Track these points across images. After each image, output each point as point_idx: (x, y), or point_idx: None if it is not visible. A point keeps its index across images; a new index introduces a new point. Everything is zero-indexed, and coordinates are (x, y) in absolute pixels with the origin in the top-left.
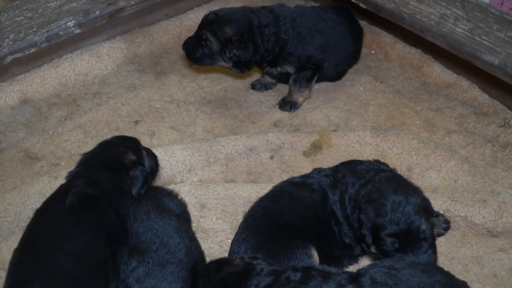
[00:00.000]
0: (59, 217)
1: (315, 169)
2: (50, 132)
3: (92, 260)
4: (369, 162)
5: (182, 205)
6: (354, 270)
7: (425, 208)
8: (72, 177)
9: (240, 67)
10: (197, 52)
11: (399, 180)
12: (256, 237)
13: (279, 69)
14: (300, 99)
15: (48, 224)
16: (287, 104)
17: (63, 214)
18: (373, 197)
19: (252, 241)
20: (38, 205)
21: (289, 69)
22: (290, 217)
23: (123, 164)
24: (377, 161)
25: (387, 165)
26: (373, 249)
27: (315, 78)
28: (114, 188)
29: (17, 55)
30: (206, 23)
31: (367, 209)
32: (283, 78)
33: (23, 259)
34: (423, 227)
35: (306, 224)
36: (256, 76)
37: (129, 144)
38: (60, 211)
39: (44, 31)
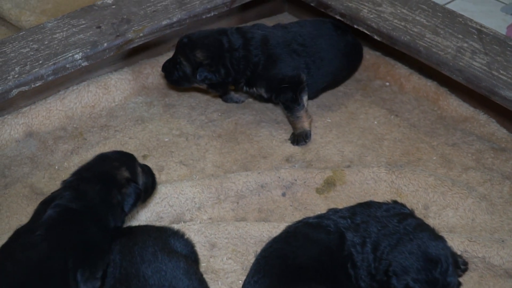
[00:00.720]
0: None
1: (330, 210)
2: (56, 167)
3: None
4: (387, 204)
5: (189, 245)
6: None
7: (456, 262)
8: (63, 187)
9: (215, 88)
10: (174, 74)
11: (429, 230)
12: (269, 280)
13: (255, 90)
14: (305, 124)
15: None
16: (298, 138)
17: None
18: (403, 251)
19: (265, 284)
20: None
21: (262, 92)
22: (304, 260)
23: (114, 179)
24: (396, 203)
25: (405, 207)
26: None
27: (303, 95)
28: (101, 201)
29: (22, 89)
30: (180, 46)
31: (397, 264)
32: (264, 99)
33: None
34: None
35: (321, 267)
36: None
37: (125, 159)
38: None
39: (50, 63)
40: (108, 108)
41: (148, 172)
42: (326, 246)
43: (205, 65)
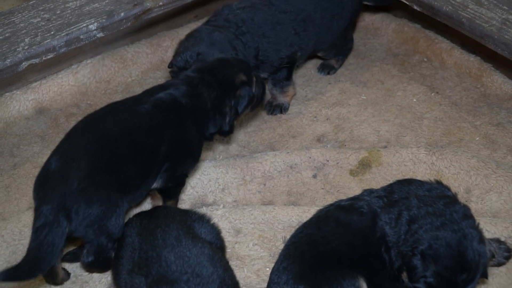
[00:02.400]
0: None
1: (365, 190)
2: None
3: (139, 148)
4: (430, 184)
5: (215, 231)
6: None
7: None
8: (182, 79)
9: None
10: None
11: (476, 229)
12: (299, 267)
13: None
14: (287, 99)
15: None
16: (276, 108)
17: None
18: (442, 238)
19: (294, 271)
20: None
21: (264, 75)
22: (336, 246)
23: (232, 85)
24: (439, 183)
25: (449, 189)
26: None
27: (294, 70)
28: (212, 108)
29: (33, 61)
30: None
31: (430, 247)
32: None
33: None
34: None
35: (355, 253)
36: None
37: (243, 66)
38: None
39: (63, 34)
40: (124, 84)
41: (260, 83)
42: (359, 230)
43: None
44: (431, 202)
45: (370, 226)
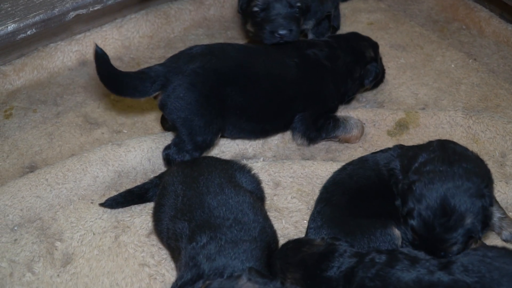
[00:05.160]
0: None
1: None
2: (112, 97)
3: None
4: (466, 149)
5: (256, 181)
6: None
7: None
8: (326, 41)
9: None
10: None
11: (476, 184)
12: (330, 209)
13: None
14: None
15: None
16: None
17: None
18: (439, 189)
19: (327, 214)
20: (99, 172)
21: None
22: (357, 180)
23: (364, 56)
24: (478, 156)
25: (483, 161)
26: None
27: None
28: (347, 71)
29: (80, 11)
30: None
31: (422, 188)
32: None
33: None
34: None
35: (371, 185)
36: None
37: (373, 43)
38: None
39: None
40: (167, 39)
41: (381, 63)
42: (376, 163)
43: None
44: (451, 154)
45: (386, 159)
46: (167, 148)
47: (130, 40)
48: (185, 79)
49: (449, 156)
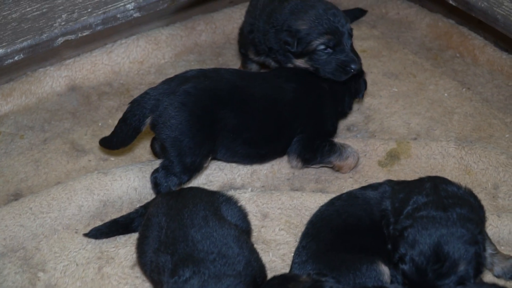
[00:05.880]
0: None
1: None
2: (100, 124)
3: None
4: (458, 187)
5: (242, 213)
6: None
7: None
8: None
9: None
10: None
11: (470, 231)
12: (316, 244)
13: None
14: None
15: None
16: None
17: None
18: (432, 235)
19: (312, 249)
20: (84, 201)
21: None
22: (346, 218)
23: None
24: (471, 192)
25: (475, 198)
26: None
27: None
28: (343, 88)
29: (68, 37)
30: None
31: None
32: None
33: None
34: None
35: (361, 225)
36: None
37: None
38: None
39: (100, 12)
40: (157, 65)
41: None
42: (366, 201)
43: None
44: (444, 198)
45: (377, 199)
46: (155, 171)
47: (120, 66)
48: (176, 99)
49: (442, 200)
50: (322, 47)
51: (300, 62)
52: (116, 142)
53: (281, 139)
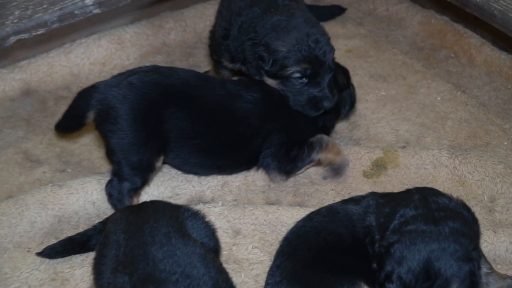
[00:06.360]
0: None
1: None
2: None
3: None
4: (450, 199)
5: (209, 230)
6: None
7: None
8: None
9: None
10: None
11: (464, 247)
12: (291, 264)
13: None
14: None
15: None
16: None
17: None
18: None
19: (287, 269)
20: (38, 217)
21: None
22: (325, 236)
23: (337, 83)
24: (464, 204)
25: (469, 211)
26: None
27: None
28: None
29: (22, 36)
30: None
31: (402, 249)
32: None
33: None
34: None
35: (342, 244)
36: None
37: (343, 69)
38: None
39: (56, 8)
40: (121, 67)
41: (354, 90)
42: (347, 217)
43: None
44: (435, 210)
45: (360, 214)
46: (108, 182)
47: (80, 68)
48: (119, 91)
49: (433, 213)
50: (297, 75)
51: (272, 83)
52: (62, 128)
53: (242, 151)
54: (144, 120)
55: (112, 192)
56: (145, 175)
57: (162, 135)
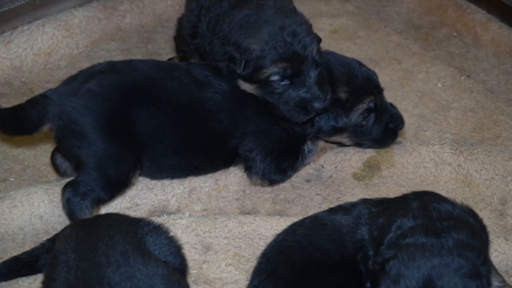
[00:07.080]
0: None
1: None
2: None
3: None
4: (453, 205)
5: (173, 247)
6: None
7: None
8: None
9: None
10: None
11: (470, 262)
12: (271, 285)
13: None
14: None
15: None
16: None
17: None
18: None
19: None
20: None
21: None
22: (309, 253)
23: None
24: (470, 210)
25: (476, 217)
26: None
27: None
28: None
29: None
30: None
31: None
32: None
33: None
34: None
35: (330, 262)
36: None
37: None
38: None
39: None
40: (69, 57)
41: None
42: (336, 230)
43: None
44: (436, 219)
45: (350, 226)
46: (69, 185)
47: (22, 59)
48: (78, 102)
49: (434, 223)
50: (276, 77)
51: (248, 87)
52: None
53: (220, 149)
54: (113, 128)
55: (73, 198)
56: (117, 192)
57: (135, 140)
